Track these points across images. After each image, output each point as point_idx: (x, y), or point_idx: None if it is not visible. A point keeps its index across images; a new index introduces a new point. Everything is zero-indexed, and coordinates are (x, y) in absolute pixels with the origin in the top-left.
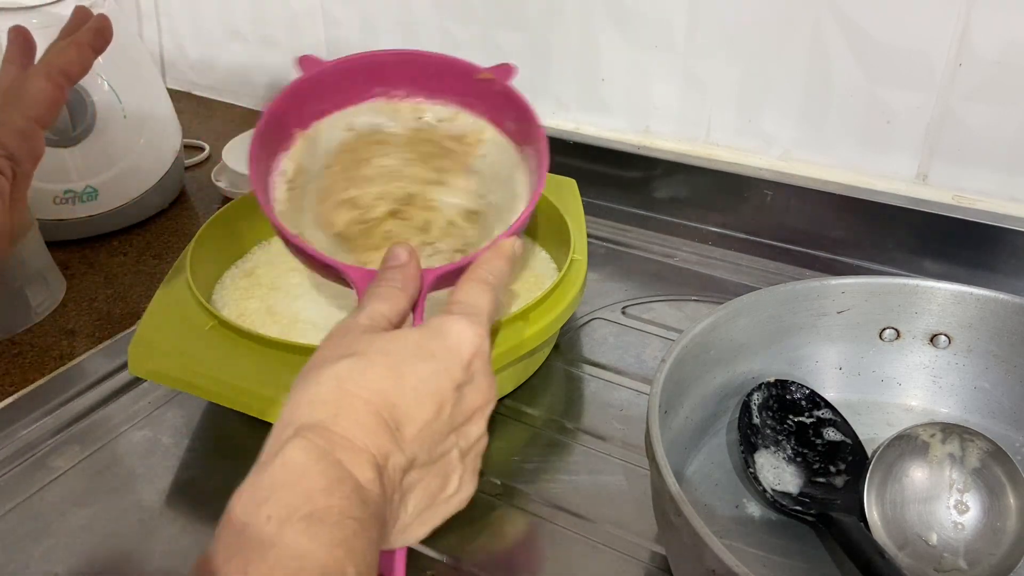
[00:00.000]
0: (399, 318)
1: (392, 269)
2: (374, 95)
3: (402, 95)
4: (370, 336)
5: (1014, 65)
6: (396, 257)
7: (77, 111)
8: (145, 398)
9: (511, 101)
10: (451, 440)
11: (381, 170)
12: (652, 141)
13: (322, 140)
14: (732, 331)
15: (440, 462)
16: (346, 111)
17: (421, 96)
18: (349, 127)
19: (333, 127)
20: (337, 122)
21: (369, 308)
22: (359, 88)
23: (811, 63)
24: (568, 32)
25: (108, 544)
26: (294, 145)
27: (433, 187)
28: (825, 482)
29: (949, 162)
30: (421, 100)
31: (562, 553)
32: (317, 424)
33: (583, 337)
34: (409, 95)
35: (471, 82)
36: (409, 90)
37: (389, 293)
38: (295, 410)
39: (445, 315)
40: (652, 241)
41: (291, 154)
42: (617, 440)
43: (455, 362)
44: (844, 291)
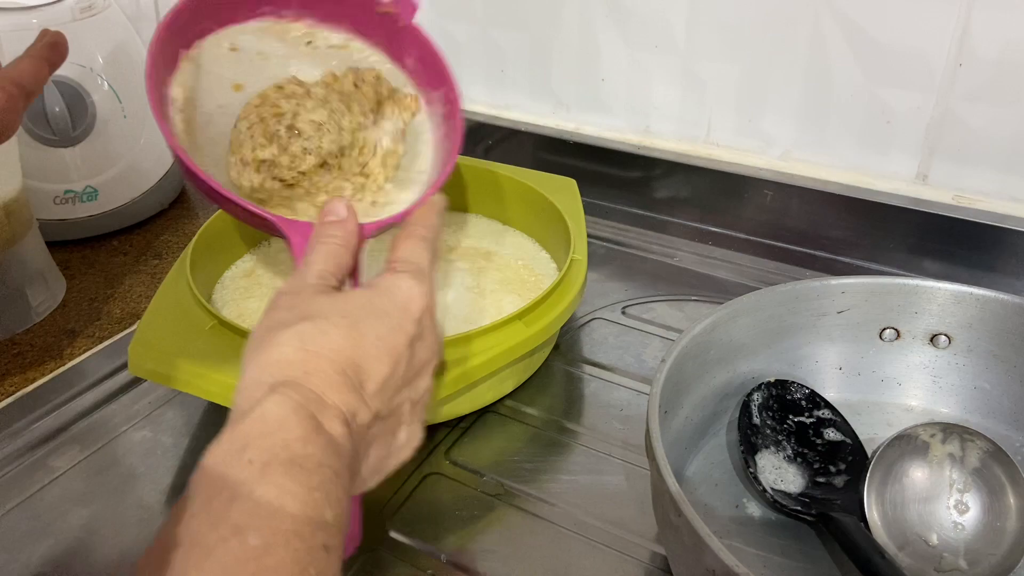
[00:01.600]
0: (344, 274)
1: (332, 224)
2: (263, 13)
3: (292, 16)
4: (324, 298)
5: (1014, 65)
6: (335, 212)
7: (77, 111)
8: (145, 398)
9: (415, 39)
10: (404, 394)
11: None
12: (652, 141)
13: (205, 60)
14: (732, 331)
15: (395, 415)
16: (230, 28)
17: (313, 18)
18: (233, 46)
19: (215, 45)
20: (221, 40)
21: (317, 268)
22: (247, 5)
23: (811, 63)
24: (568, 32)
25: (108, 544)
26: (179, 69)
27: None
28: (825, 482)
29: (949, 162)
30: (312, 23)
31: (562, 553)
32: (289, 382)
33: (583, 337)
34: (300, 16)
35: (370, 13)
36: (300, 11)
37: (333, 251)
38: (264, 369)
39: (392, 274)
40: (652, 241)
41: (178, 78)
42: (617, 440)
43: (407, 319)
44: (844, 291)
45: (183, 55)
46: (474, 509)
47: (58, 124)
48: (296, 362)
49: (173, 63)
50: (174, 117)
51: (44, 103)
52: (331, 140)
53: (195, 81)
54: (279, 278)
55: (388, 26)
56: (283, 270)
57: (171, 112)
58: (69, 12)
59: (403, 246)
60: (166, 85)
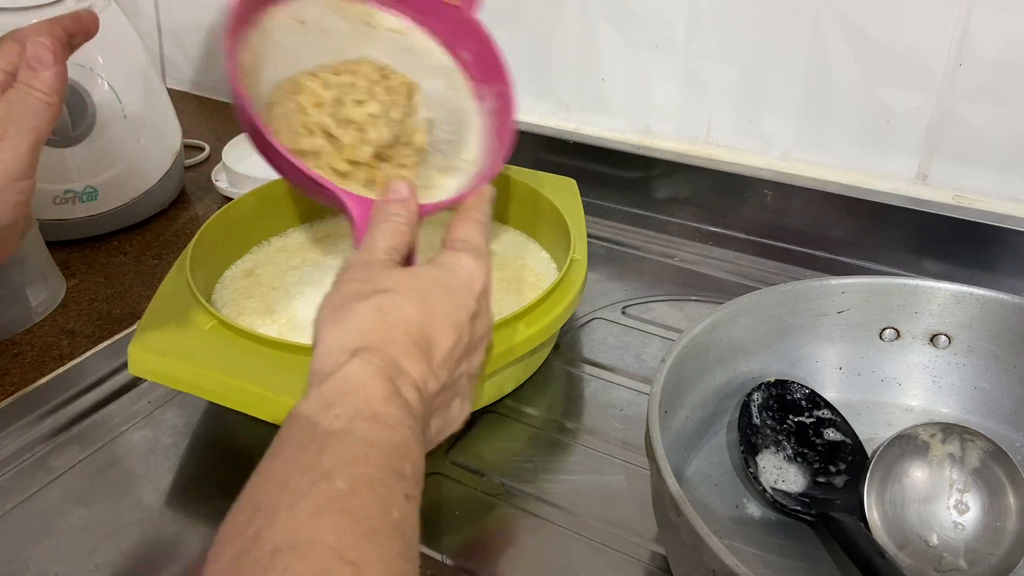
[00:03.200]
0: (408, 251)
1: (396, 203)
2: None
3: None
4: (393, 272)
5: (1014, 65)
6: (398, 191)
7: (77, 111)
8: (145, 398)
9: (474, 32)
10: (463, 367)
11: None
12: (652, 141)
13: (273, 29)
14: (732, 331)
15: (455, 386)
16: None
17: (376, 1)
18: (300, 18)
19: (285, 16)
20: (287, 11)
21: (384, 243)
22: None
23: (811, 63)
24: (568, 32)
25: (108, 544)
26: (249, 35)
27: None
28: (825, 482)
29: (949, 162)
30: (376, 5)
31: (562, 553)
32: (369, 348)
33: (583, 337)
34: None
35: (434, 3)
36: None
37: (398, 228)
38: (345, 336)
39: (454, 252)
40: (652, 241)
41: (247, 45)
42: (617, 440)
43: (470, 296)
44: (844, 291)
45: (253, 20)
46: (474, 509)
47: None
48: (376, 330)
49: (244, 29)
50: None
51: None
52: (388, 131)
53: (262, 49)
54: (279, 278)
55: (449, 17)
56: (283, 270)
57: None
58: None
59: (461, 228)
60: (236, 49)
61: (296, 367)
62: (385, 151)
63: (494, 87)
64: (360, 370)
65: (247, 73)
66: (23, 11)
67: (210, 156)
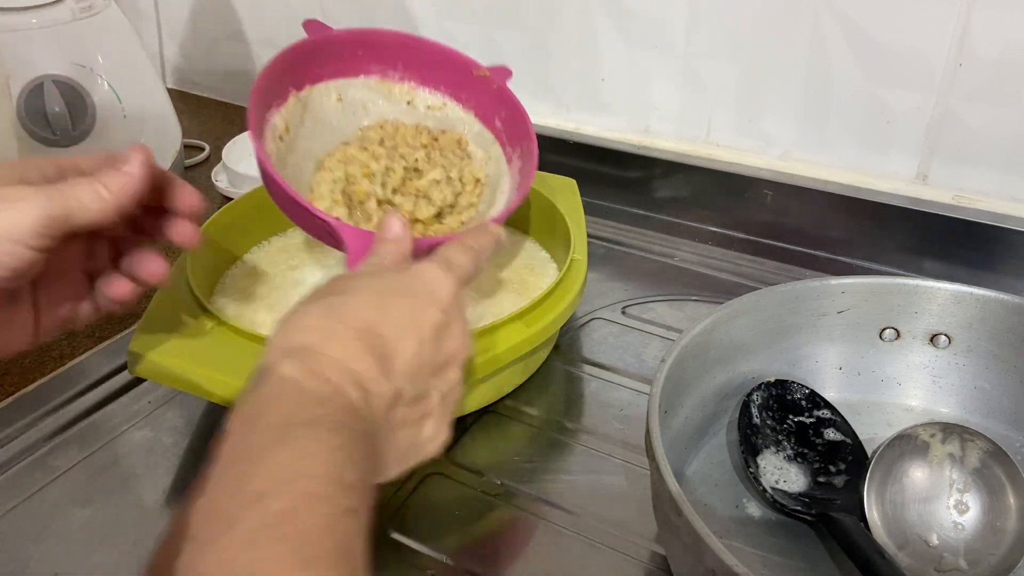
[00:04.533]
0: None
1: (388, 243)
2: (371, 71)
3: (397, 77)
4: (357, 276)
5: (1014, 65)
6: (391, 229)
7: (77, 111)
8: (145, 398)
9: (504, 101)
10: (432, 381)
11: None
12: (652, 141)
13: (312, 103)
14: (732, 331)
15: (423, 401)
16: (340, 81)
17: (415, 80)
18: (340, 97)
19: (325, 93)
20: (330, 89)
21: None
22: (358, 62)
23: (811, 63)
24: (568, 32)
25: (108, 544)
26: (286, 104)
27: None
28: (825, 482)
29: (949, 162)
30: (414, 84)
31: (562, 553)
32: (308, 347)
33: (583, 337)
34: (404, 78)
35: (467, 77)
36: (404, 73)
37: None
38: (284, 336)
39: (424, 261)
40: (652, 241)
41: (282, 112)
42: (617, 440)
43: (432, 301)
44: (844, 291)
45: (292, 92)
46: (474, 509)
47: (58, 124)
48: (318, 328)
49: (283, 96)
50: (270, 140)
51: (44, 103)
52: (451, 191)
53: (298, 118)
54: (279, 278)
55: (481, 89)
56: (283, 270)
57: (268, 135)
58: (69, 12)
59: (446, 247)
60: (269, 111)
61: None
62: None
63: (522, 145)
64: (293, 371)
65: (280, 135)
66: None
67: (210, 156)
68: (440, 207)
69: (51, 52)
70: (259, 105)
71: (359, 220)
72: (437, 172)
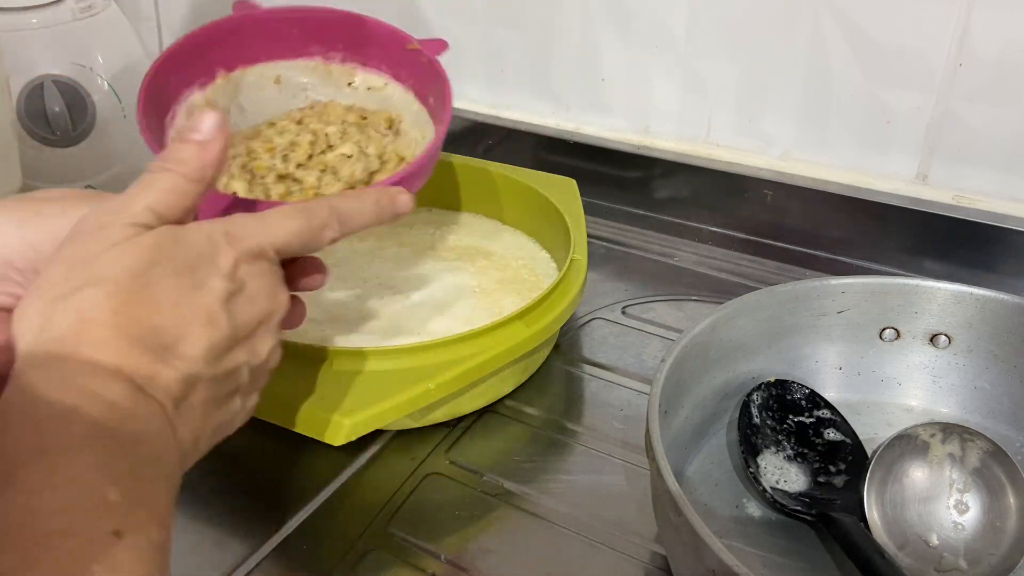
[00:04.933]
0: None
1: (188, 145)
2: (312, 53)
3: (339, 58)
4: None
5: (1014, 65)
6: (199, 129)
7: (77, 111)
8: None
9: (433, 76)
10: (238, 356)
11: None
12: (652, 141)
13: (246, 85)
14: (732, 331)
15: (230, 379)
16: (279, 63)
17: (356, 62)
18: (278, 79)
19: (262, 76)
20: (267, 71)
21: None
22: (296, 42)
23: (811, 63)
24: (568, 32)
25: None
26: (212, 83)
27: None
28: (825, 482)
29: (949, 162)
30: (356, 65)
31: (562, 553)
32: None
33: (583, 337)
34: (346, 59)
35: (402, 51)
36: (346, 54)
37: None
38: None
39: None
40: (652, 241)
41: (207, 91)
42: (617, 440)
43: (214, 274)
44: (844, 291)
45: (221, 72)
46: (474, 509)
47: (58, 124)
48: (69, 336)
49: (208, 75)
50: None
51: (44, 103)
52: (362, 168)
53: (227, 99)
54: None
55: (417, 65)
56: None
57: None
58: (69, 12)
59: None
60: (190, 88)
61: (296, 367)
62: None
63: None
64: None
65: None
66: (23, 11)
67: None
68: (349, 183)
69: (51, 52)
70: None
71: (258, 195)
72: (348, 147)
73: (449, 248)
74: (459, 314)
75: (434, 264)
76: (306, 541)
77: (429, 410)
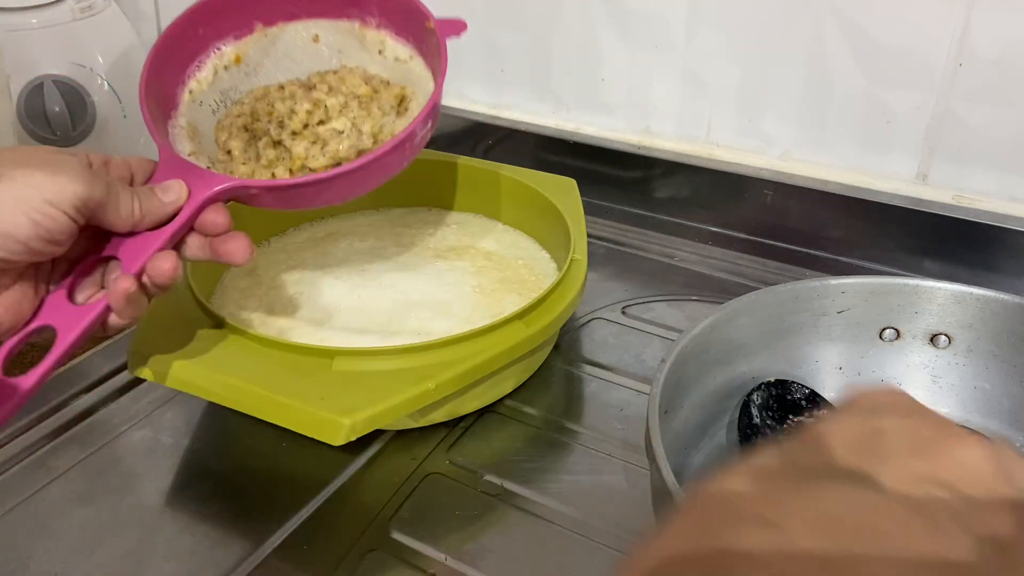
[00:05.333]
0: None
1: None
2: (351, 15)
3: (375, 24)
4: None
5: (1014, 65)
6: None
7: (77, 111)
8: (145, 398)
9: (442, 57)
10: None
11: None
12: (652, 141)
13: (283, 41)
14: (732, 331)
15: None
16: (320, 21)
17: (391, 30)
18: (317, 37)
19: (299, 33)
20: (306, 29)
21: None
22: (336, 2)
23: (811, 63)
24: (568, 32)
25: (108, 544)
26: (248, 35)
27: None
28: None
29: (949, 162)
30: (390, 33)
31: (562, 553)
32: None
33: (583, 337)
34: (380, 25)
35: (423, 27)
36: (381, 20)
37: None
38: None
39: None
40: (652, 241)
41: (241, 43)
42: (617, 440)
43: None
44: (844, 291)
45: (259, 26)
46: (474, 509)
47: (58, 124)
48: None
49: (246, 28)
50: (209, 65)
51: (44, 103)
52: (348, 146)
53: (259, 53)
54: (279, 278)
55: (432, 44)
56: (282, 270)
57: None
58: (69, 12)
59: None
60: (224, 40)
61: (296, 367)
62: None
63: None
64: None
65: (225, 63)
66: (23, 11)
67: None
68: (335, 159)
69: (51, 52)
70: (200, 26)
71: (250, 157)
72: (341, 122)
73: (449, 248)
74: (459, 314)
75: (434, 264)
76: (306, 541)
77: (429, 410)
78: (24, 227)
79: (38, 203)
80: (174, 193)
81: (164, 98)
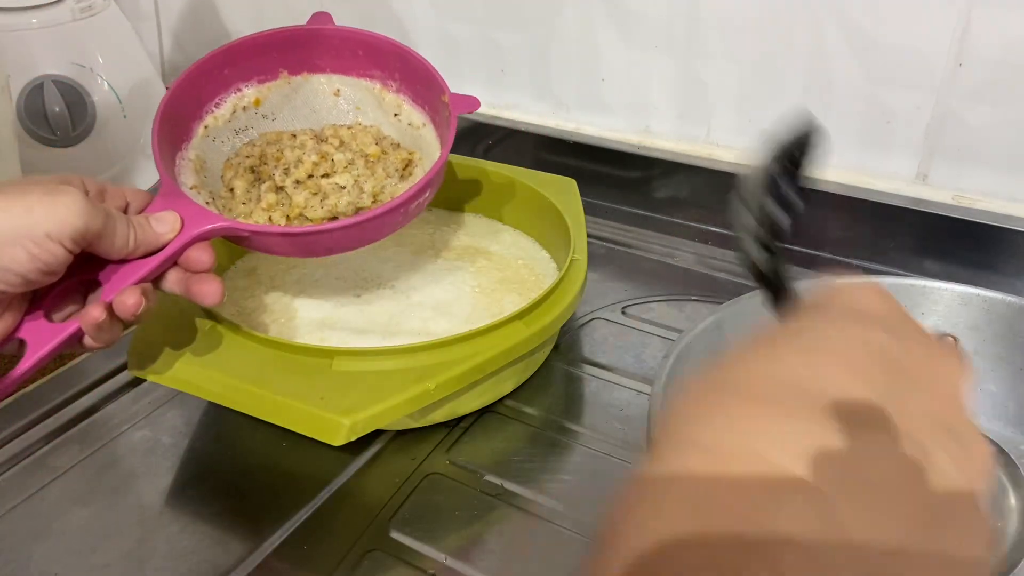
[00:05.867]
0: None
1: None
2: (373, 76)
3: (394, 88)
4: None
5: (1014, 65)
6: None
7: (77, 111)
8: (145, 398)
9: (451, 130)
10: None
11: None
12: (652, 141)
13: (306, 91)
14: (732, 331)
15: None
16: (344, 77)
17: (408, 95)
18: (339, 92)
19: (322, 84)
20: (331, 82)
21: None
22: (360, 63)
23: (811, 63)
24: (568, 32)
25: (108, 544)
26: (274, 81)
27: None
28: None
29: (949, 162)
30: (407, 99)
31: (563, 553)
32: None
33: (583, 337)
34: (399, 90)
35: (438, 99)
36: (401, 85)
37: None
38: None
39: None
40: (652, 241)
41: (263, 88)
42: (617, 440)
43: None
44: None
45: (283, 73)
46: (474, 509)
47: (58, 124)
48: None
49: (271, 73)
50: (231, 103)
51: (44, 103)
52: (347, 203)
53: (279, 99)
54: (279, 278)
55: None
56: (282, 270)
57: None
58: (69, 12)
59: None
60: (248, 82)
61: (296, 367)
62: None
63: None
64: None
65: (244, 105)
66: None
67: None
68: (332, 213)
69: (51, 52)
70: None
71: (251, 198)
72: (344, 178)
73: (449, 248)
74: (459, 314)
75: (434, 264)
76: (306, 541)
77: (429, 410)
78: (22, 261)
79: (38, 237)
80: (167, 225)
81: (178, 130)
